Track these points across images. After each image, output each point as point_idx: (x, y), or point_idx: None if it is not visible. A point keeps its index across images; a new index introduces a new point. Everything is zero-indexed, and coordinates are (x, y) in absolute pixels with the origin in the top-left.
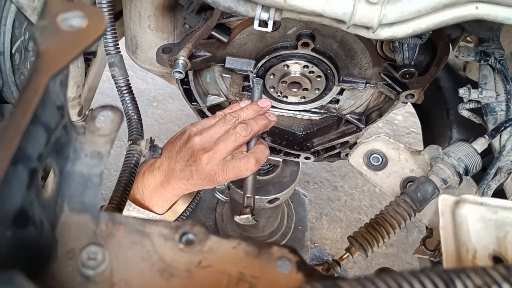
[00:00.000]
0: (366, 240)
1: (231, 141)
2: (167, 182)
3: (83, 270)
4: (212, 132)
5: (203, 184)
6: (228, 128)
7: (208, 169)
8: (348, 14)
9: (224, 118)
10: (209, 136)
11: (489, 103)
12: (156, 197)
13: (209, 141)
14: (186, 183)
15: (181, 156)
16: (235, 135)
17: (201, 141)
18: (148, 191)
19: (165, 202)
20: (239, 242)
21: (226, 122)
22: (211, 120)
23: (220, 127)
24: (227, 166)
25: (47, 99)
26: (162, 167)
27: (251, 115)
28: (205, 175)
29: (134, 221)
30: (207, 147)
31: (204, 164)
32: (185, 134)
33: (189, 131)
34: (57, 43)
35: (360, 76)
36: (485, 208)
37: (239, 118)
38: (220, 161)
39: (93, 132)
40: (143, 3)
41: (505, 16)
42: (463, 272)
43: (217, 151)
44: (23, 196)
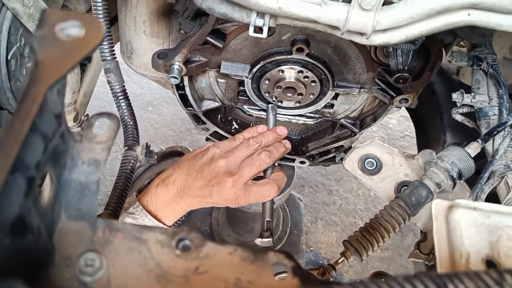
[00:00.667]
0: (361, 245)
1: (255, 167)
2: (181, 198)
3: (80, 277)
4: (236, 155)
5: (219, 203)
6: (251, 153)
7: (231, 192)
8: (342, 20)
9: (247, 143)
10: (234, 160)
11: (482, 108)
12: (168, 210)
13: (234, 164)
14: (201, 201)
15: (202, 176)
16: (259, 162)
17: (227, 164)
18: (161, 203)
19: (176, 216)
20: (235, 248)
21: (250, 147)
22: (232, 142)
23: (244, 152)
24: (249, 191)
25: (45, 108)
26: (178, 182)
27: (271, 141)
28: (227, 197)
29: (131, 228)
30: (232, 171)
31: (229, 187)
32: (208, 154)
33: (212, 152)
34: (55, 53)
35: (354, 81)
36: (478, 213)
37: (261, 144)
38: (243, 185)
39: (90, 139)
40: (138, 8)
41: (496, 23)
42: (456, 276)
43: (242, 176)
44: (21, 204)
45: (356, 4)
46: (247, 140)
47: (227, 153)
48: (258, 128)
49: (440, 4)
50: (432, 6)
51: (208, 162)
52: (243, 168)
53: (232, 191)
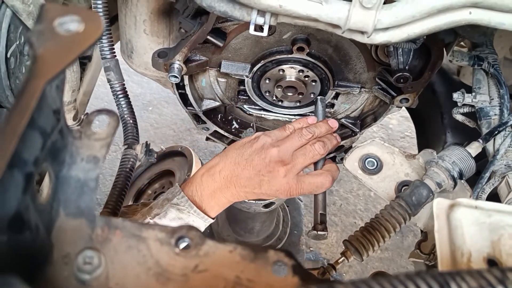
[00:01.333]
0: (362, 244)
1: (309, 158)
2: (227, 188)
3: (79, 275)
4: (288, 145)
5: (268, 195)
6: (304, 143)
7: (284, 182)
8: (343, 19)
9: (300, 132)
10: (286, 149)
11: (483, 107)
12: (213, 202)
13: (286, 154)
14: (249, 191)
15: (252, 165)
16: (313, 152)
17: (279, 153)
18: (206, 194)
19: (220, 208)
20: (235, 246)
21: (303, 136)
22: (283, 132)
23: (296, 141)
24: (302, 181)
25: (43, 104)
26: (224, 172)
27: (323, 132)
28: (278, 187)
29: (130, 226)
30: (285, 160)
31: (281, 177)
32: (258, 143)
33: (262, 140)
34: (54, 48)
35: (355, 80)
36: (480, 212)
37: (314, 135)
38: (295, 175)
39: (89, 136)
40: (138, 7)
41: (498, 21)
42: (458, 275)
43: (295, 165)
44: (19, 201)
45: (357, 3)
46: (300, 130)
47: (278, 142)
48: (308, 119)
49: (441, 2)
50: (433, 4)
51: (258, 151)
52: (296, 157)
53: (285, 181)
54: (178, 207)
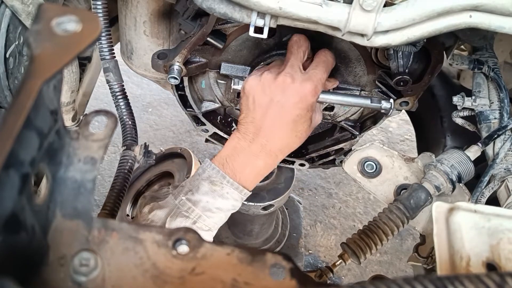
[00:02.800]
0: (359, 247)
1: (295, 51)
2: (255, 140)
3: (75, 277)
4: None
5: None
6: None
7: (297, 85)
8: (343, 21)
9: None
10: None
11: (483, 111)
12: (248, 169)
13: (273, 69)
14: (282, 134)
15: (259, 101)
16: (297, 43)
17: (270, 72)
18: (238, 164)
19: (256, 175)
20: (233, 249)
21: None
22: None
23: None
24: (310, 75)
25: (40, 104)
26: (249, 129)
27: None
28: (295, 95)
29: (127, 227)
30: (277, 71)
31: (291, 83)
32: (250, 92)
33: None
34: (51, 48)
35: (354, 83)
36: (479, 216)
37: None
38: (300, 74)
39: (86, 137)
40: (138, 9)
41: (498, 25)
42: (456, 279)
43: (292, 65)
44: (15, 201)
45: (357, 5)
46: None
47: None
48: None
49: (442, 5)
50: (434, 7)
51: (256, 88)
52: (288, 59)
53: (298, 83)
54: (211, 179)
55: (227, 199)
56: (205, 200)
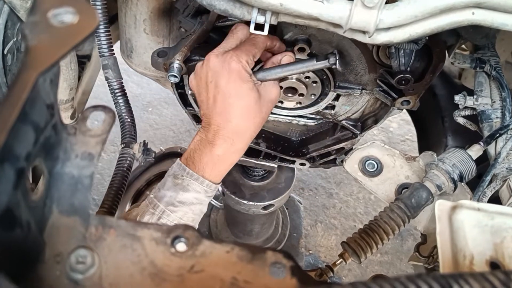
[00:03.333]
0: (360, 246)
1: (228, 36)
2: (209, 127)
3: (71, 274)
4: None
5: (234, 88)
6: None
7: (220, 60)
8: (345, 18)
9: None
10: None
11: (485, 110)
12: (206, 158)
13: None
14: (228, 114)
15: (199, 92)
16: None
17: (200, 61)
18: (197, 154)
19: (215, 164)
20: (232, 247)
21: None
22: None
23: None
24: (238, 50)
25: (36, 97)
26: (204, 121)
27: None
28: (222, 69)
29: (125, 225)
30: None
31: (213, 61)
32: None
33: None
34: (48, 39)
35: (356, 82)
36: (482, 214)
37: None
38: (222, 51)
39: (84, 132)
40: (138, 6)
41: (501, 22)
42: (461, 277)
43: (216, 48)
44: (10, 196)
45: (359, 2)
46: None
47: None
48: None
49: (444, 2)
50: (436, 4)
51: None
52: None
53: (226, 65)
54: (175, 174)
55: (188, 192)
56: (168, 195)
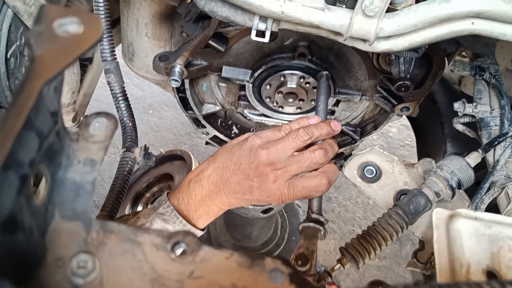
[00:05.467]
0: (358, 252)
1: (304, 166)
2: (217, 194)
3: (72, 279)
4: (280, 147)
5: (261, 201)
6: (299, 146)
7: (274, 188)
8: (345, 26)
9: (296, 133)
10: (278, 152)
11: (484, 118)
12: (202, 209)
13: (278, 157)
14: (240, 197)
15: (241, 169)
16: (310, 160)
17: (268, 156)
18: (193, 202)
19: (210, 217)
20: (231, 253)
21: (298, 138)
22: (276, 133)
23: (290, 143)
24: (295, 185)
25: (40, 105)
26: (213, 177)
27: (324, 135)
28: (269, 193)
29: (126, 230)
30: (276, 164)
31: (271, 182)
32: (247, 144)
33: (251, 141)
34: (52, 49)
35: (356, 88)
36: (479, 223)
37: (312, 137)
38: (286, 181)
39: (86, 138)
40: (141, 10)
41: (500, 32)
42: (456, 286)
43: (287, 172)
44: (13, 202)
45: (359, 10)
46: (296, 131)
47: (269, 143)
48: (310, 119)
49: (444, 12)
50: (436, 14)
51: (247, 153)
52: (290, 164)
53: (275, 187)
54: (164, 217)
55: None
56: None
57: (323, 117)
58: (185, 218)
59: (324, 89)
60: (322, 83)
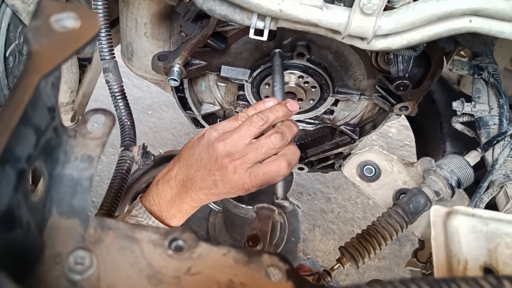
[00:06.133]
0: (358, 251)
1: (262, 153)
2: (185, 193)
3: (70, 275)
4: (236, 136)
5: (227, 193)
6: (256, 132)
7: (235, 178)
8: (343, 24)
9: (250, 120)
10: (234, 142)
11: (482, 117)
12: (174, 209)
13: (235, 147)
14: (208, 193)
15: (203, 165)
16: (267, 146)
17: (225, 147)
18: (164, 202)
19: (183, 215)
20: (229, 249)
21: (253, 125)
22: (232, 122)
23: (245, 131)
24: (256, 173)
25: (37, 100)
26: (179, 176)
27: (280, 117)
28: (232, 185)
29: (123, 226)
30: (234, 155)
31: (231, 174)
32: (204, 139)
33: (208, 135)
34: (50, 44)
35: (354, 87)
36: (477, 220)
37: (267, 121)
38: (246, 169)
39: (84, 135)
40: (139, 10)
41: (498, 30)
42: (453, 281)
43: (245, 161)
44: (10, 198)
45: (357, 9)
46: (250, 117)
47: (225, 135)
48: (266, 102)
49: (442, 10)
50: (433, 12)
51: (206, 148)
52: (247, 152)
53: (236, 177)
54: (137, 218)
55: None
56: None
57: (280, 97)
58: (159, 219)
59: (278, 68)
60: (276, 61)
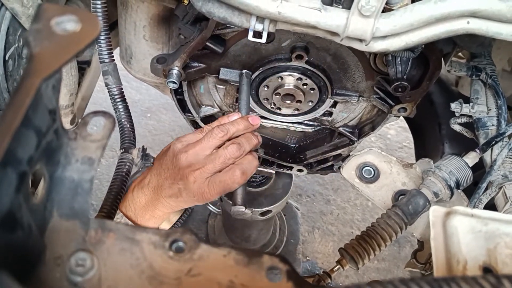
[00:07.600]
0: (357, 253)
1: (219, 163)
2: (157, 200)
3: (71, 277)
4: (198, 148)
5: (192, 201)
6: (217, 144)
7: (195, 187)
8: (342, 26)
9: (211, 132)
10: (195, 153)
11: (481, 118)
12: (148, 214)
13: (196, 158)
14: (175, 200)
15: (169, 174)
16: (224, 156)
17: (186, 159)
18: (139, 208)
19: (157, 220)
20: (229, 251)
21: (213, 137)
22: (196, 134)
23: (206, 142)
24: (213, 182)
25: (39, 102)
26: (151, 183)
27: (241, 130)
28: (193, 193)
29: (124, 228)
30: (194, 165)
31: (192, 183)
32: (170, 150)
33: (173, 147)
34: (50, 47)
35: (353, 89)
36: (476, 220)
37: (227, 133)
38: (205, 179)
39: (84, 137)
40: (138, 13)
41: (496, 31)
42: (452, 280)
43: (204, 171)
44: (12, 199)
45: (355, 10)
46: (211, 130)
47: (188, 146)
48: (230, 116)
49: (440, 11)
50: (432, 13)
51: (171, 158)
52: (206, 163)
53: (196, 186)
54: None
55: None
56: None
57: (244, 112)
58: (135, 224)
59: (245, 87)
60: (243, 80)
